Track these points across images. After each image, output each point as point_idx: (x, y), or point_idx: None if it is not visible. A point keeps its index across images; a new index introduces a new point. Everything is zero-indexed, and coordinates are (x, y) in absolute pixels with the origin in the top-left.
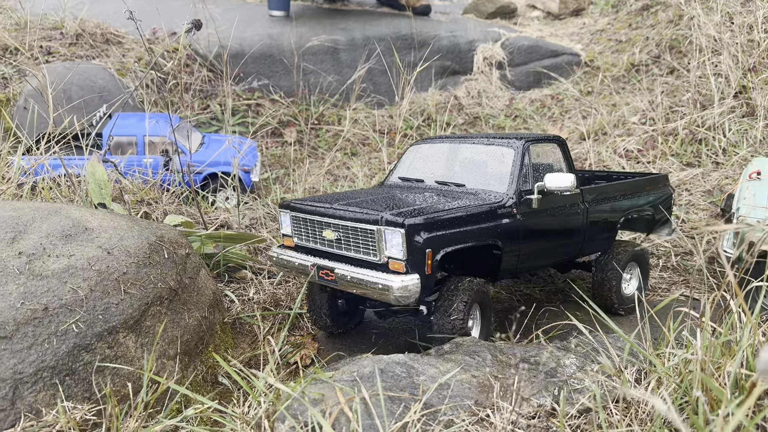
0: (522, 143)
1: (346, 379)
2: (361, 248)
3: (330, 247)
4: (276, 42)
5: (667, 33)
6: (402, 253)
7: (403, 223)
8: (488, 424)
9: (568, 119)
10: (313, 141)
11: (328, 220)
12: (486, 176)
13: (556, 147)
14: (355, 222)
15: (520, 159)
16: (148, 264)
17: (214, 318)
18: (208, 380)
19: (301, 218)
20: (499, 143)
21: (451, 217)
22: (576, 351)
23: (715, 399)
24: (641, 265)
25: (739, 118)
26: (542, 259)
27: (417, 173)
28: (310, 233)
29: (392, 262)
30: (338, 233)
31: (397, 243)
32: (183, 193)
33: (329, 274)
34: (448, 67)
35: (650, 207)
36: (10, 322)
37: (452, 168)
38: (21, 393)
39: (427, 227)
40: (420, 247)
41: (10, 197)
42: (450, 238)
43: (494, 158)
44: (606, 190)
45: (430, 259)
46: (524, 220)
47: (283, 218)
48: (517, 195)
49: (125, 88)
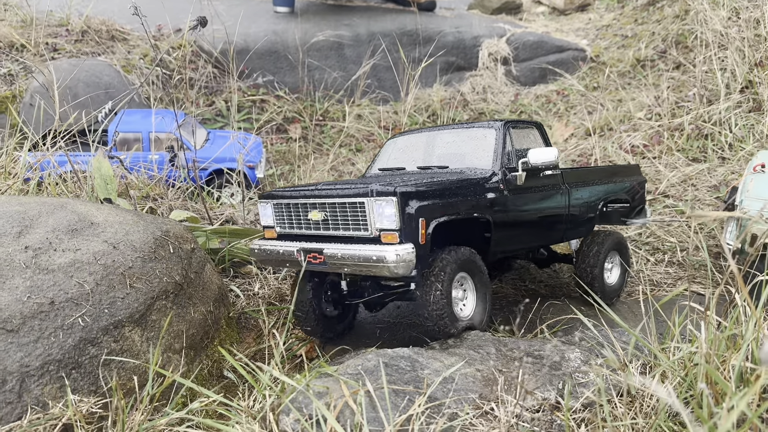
0: (503, 123)
1: (350, 372)
2: (350, 225)
3: (317, 229)
4: (281, 38)
5: (673, 28)
6: (395, 222)
7: (395, 191)
8: (492, 418)
9: (573, 115)
10: (317, 137)
11: (314, 201)
12: (469, 157)
13: (535, 130)
14: (344, 197)
15: (502, 137)
16: (153, 258)
17: (220, 312)
18: (213, 374)
19: (284, 204)
20: (479, 125)
21: (442, 188)
22: (581, 345)
23: (720, 392)
24: (622, 253)
25: (746, 113)
26: (531, 238)
27: (397, 163)
28: (294, 219)
29: (384, 234)
30: (325, 213)
31: (389, 213)
32: (188, 188)
33: (317, 257)
34: (453, 63)
35: (626, 193)
36: (16, 315)
37: (433, 154)
38: (28, 386)
39: (419, 196)
40: (413, 215)
41: (16, 192)
42: (441, 208)
43: (476, 139)
44: (584, 173)
45: (424, 228)
46: (511, 197)
47: (264, 209)
48: (502, 172)
49: (131, 84)
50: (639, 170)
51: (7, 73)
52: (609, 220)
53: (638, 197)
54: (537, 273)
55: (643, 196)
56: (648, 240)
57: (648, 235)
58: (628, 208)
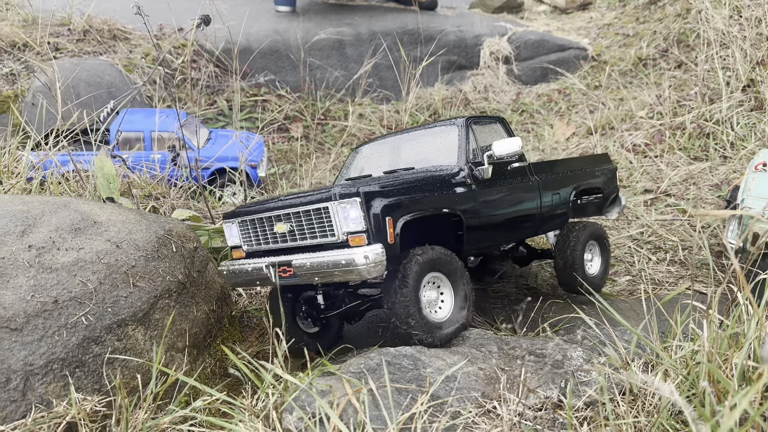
0: (464, 120)
1: (353, 371)
2: (316, 232)
3: (284, 242)
4: (282, 37)
5: (674, 27)
6: (361, 224)
7: (358, 192)
8: (495, 416)
9: (575, 114)
10: (319, 136)
11: (278, 212)
12: (435, 156)
13: (498, 124)
14: (307, 205)
15: (465, 133)
16: (156, 257)
17: (222, 311)
18: (216, 373)
19: (249, 220)
20: (441, 124)
21: (407, 186)
22: (583, 344)
23: (722, 391)
24: (600, 243)
25: (747, 112)
26: (504, 232)
27: (363, 171)
28: (260, 234)
29: (352, 237)
30: (290, 224)
31: (354, 215)
32: (190, 188)
33: (287, 270)
34: (454, 62)
35: (597, 182)
36: (20, 314)
37: (398, 158)
38: (32, 384)
39: (383, 195)
40: (378, 215)
41: (19, 192)
42: (408, 206)
43: (439, 138)
44: (549, 164)
45: (392, 227)
46: (480, 191)
47: (230, 229)
48: (468, 167)
49: (132, 84)
50: (609, 159)
51: (9, 73)
52: (585, 213)
53: (611, 186)
54: (539, 272)
55: (616, 184)
56: (650, 239)
57: (650, 234)
58: (602, 197)
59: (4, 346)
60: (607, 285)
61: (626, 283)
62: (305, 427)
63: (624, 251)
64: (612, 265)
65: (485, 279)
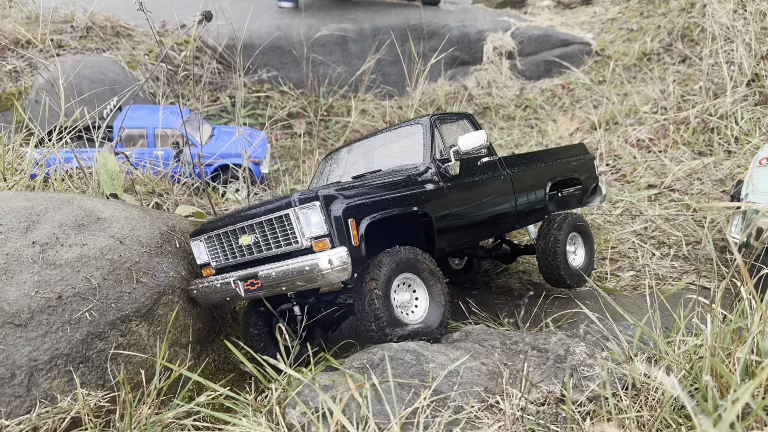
0: (428, 118)
1: (356, 366)
2: (281, 241)
3: (250, 254)
4: (285, 33)
5: (679, 21)
6: (323, 228)
7: (317, 195)
8: (498, 411)
9: (579, 109)
10: (322, 132)
11: (241, 224)
12: (401, 157)
13: (465, 121)
14: (268, 213)
15: (429, 131)
16: (159, 253)
17: (225, 307)
18: (220, 368)
19: (215, 235)
20: (405, 124)
21: (369, 187)
22: (586, 339)
23: (725, 385)
24: (582, 233)
25: (752, 107)
26: (478, 229)
27: (332, 178)
28: (227, 248)
29: (316, 242)
30: (254, 235)
31: (316, 220)
32: (194, 184)
33: (254, 282)
34: (457, 57)
35: (574, 172)
36: (24, 310)
37: (366, 162)
38: (36, 380)
39: (344, 197)
40: (340, 217)
41: (23, 188)
42: (371, 206)
43: (405, 139)
44: (522, 157)
45: (355, 229)
46: (449, 188)
47: (197, 247)
48: (435, 164)
49: (135, 80)
50: (585, 149)
51: (12, 70)
52: (568, 206)
53: (589, 176)
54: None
55: (595, 173)
56: (654, 234)
57: (654, 229)
58: (582, 189)
59: (8, 341)
60: (611, 280)
61: (630, 278)
62: (308, 421)
63: (628, 246)
64: (615, 260)
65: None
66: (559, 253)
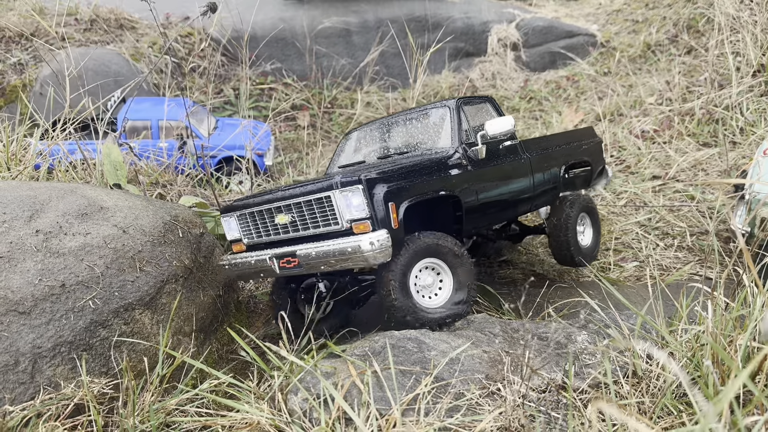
0: (455, 101)
1: (358, 353)
2: (319, 222)
3: (285, 233)
4: (288, 25)
5: (684, 12)
6: (364, 211)
7: (360, 179)
8: (498, 398)
9: (583, 100)
10: (326, 124)
11: (278, 204)
12: (428, 139)
13: (487, 104)
14: (308, 195)
15: (457, 115)
16: (163, 243)
17: (229, 296)
18: (223, 357)
19: (249, 213)
20: (432, 107)
21: (406, 170)
22: (588, 327)
23: (726, 371)
24: (591, 215)
25: (758, 97)
26: (501, 211)
27: (356, 158)
28: (260, 226)
29: (356, 224)
30: (291, 214)
31: (357, 202)
32: (197, 175)
33: (291, 260)
34: (461, 49)
35: (584, 154)
36: (28, 298)
37: (391, 143)
38: (40, 367)
39: (385, 180)
40: (381, 200)
41: (27, 179)
42: (409, 190)
43: (431, 120)
44: (539, 141)
45: (395, 212)
46: (475, 171)
47: (228, 223)
48: (462, 148)
49: (139, 72)
50: (594, 132)
51: (17, 63)
52: (575, 186)
53: (598, 158)
54: (545, 257)
55: (602, 156)
56: (658, 225)
57: (658, 220)
58: (590, 170)
59: (12, 329)
60: (615, 270)
61: (633, 269)
62: (310, 407)
63: (632, 237)
64: (619, 250)
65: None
66: (570, 229)
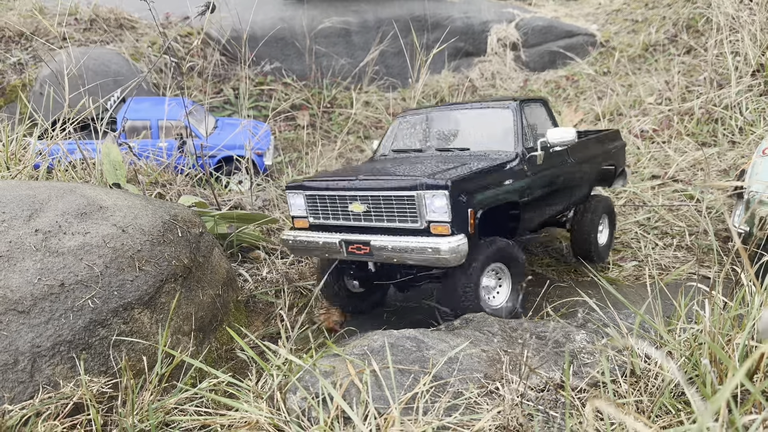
0: (517, 103)
1: (357, 352)
2: (396, 217)
3: (357, 221)
4: (288, 25)
5: (684, 12)
6: (446, 214)
7: (447, 185)
8: (497, 396)
9: (583, 100)
10: (325, 124)
11: (355, 193)
12: (489, 138)
13: (542, 106)
14: (390, 190)
15: (519, 118)
16: (162, 242)
17: (228, 296)
18: (222, 356)
19: (319, 196)
20: (494, 105)
21: (484, 177)
22: (586, 326)
23: (724, 370)
24: (610, 216)
25: (757, 97)
26: (546, 213)
27: (411, 144)
28: (330, 210)
29: (434, 225)
30: (367, 205)
31: (440, 205)
32: (197, 175)
33: (362, 248)
34: (461, 49)
35: (613, 157)
36: (27, 297)
37: (449, 135)
38: (39, 366)
39: (467, 187)
40: (463, 206)
41: (26, 178)
42: (486, 197)
43: (493, 120)
44: (583, 145)
45: (473, 218)
46: (534, 176)
47: (294, 199)
48: (522, 152)
49: (139, 72)
50: (620, 135)
51: (17, 62)
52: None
53: (621, 160)
54: (544, 257)
55: (624, 158)
56: (657, 224)
57: (657, 220)
58: (614, 171)
59: (11, 328)
60: (614, 270)
61: (632, 268)
62: (309, 406)
63: (631, 236)
64: (618, 250)
65: None
66: (594, 228)
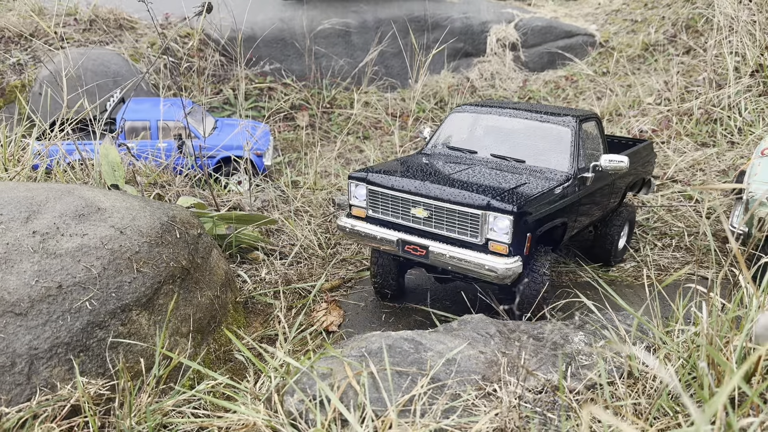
0: (576, 122)
1: (354, 354)
2: (456, 228)
3: (417, 224)
4: (288, 25)
5: (683, 12)
6: (507, 237)
7: (512, 211)
8: (495, 398)
9: (582, 100)
10: (325, 125)
11: (419, 199)
12: (545, 154)
13: (595, 124)
14: (456, 205)
15: (576, 138)
16: (160, 243)
17: (227, 297)
18: (220, 358)
19: (381, 193)
20: (554, 121)
21: (545, 201)
22: (584, 328)
23: (722, 373)
24: (631, 223)
25: (756, 97)
26: (585, 223)
27: (466, 143)
28: (391, 209)
29: (493, 243)
30: (429, 212)
31: (502, 227)
32: (196, 176)
33: (418, 250)
34: (460, 49)
35: (646, 170)
36: (25, 299)
37: (505, 142)
38: (36, 368)
39: (529, 212)
40: (523, 231)
41: (24, 179)
42: (544, 220)
43: (551, 136)
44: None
45: (530, 242)
46: (582, 196)
47: (356, 190)
48: (575, 173)
49: (138, 73)
50: (653, 148)
51: (16, 63)
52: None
53: (650, 170)
54: None
55: (652, 170)
56: (655, 225)
57: (656, 220)
58: (642, 182)
59: (9, 330)
60: (612, 271)
61: (631, 269)
62: (306, 409)
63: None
64: None
65: None
66: (617, 236)
